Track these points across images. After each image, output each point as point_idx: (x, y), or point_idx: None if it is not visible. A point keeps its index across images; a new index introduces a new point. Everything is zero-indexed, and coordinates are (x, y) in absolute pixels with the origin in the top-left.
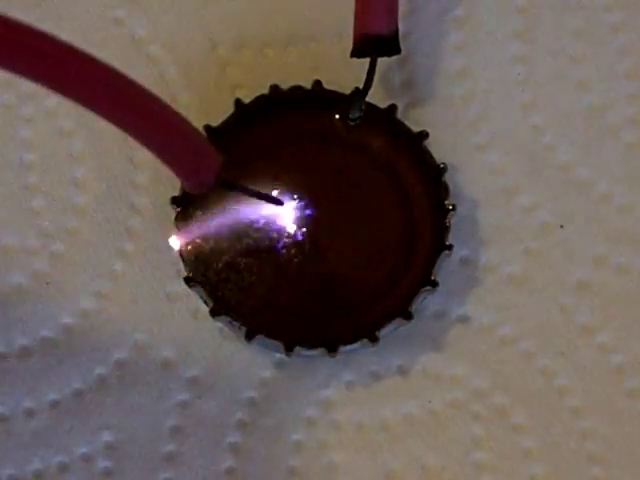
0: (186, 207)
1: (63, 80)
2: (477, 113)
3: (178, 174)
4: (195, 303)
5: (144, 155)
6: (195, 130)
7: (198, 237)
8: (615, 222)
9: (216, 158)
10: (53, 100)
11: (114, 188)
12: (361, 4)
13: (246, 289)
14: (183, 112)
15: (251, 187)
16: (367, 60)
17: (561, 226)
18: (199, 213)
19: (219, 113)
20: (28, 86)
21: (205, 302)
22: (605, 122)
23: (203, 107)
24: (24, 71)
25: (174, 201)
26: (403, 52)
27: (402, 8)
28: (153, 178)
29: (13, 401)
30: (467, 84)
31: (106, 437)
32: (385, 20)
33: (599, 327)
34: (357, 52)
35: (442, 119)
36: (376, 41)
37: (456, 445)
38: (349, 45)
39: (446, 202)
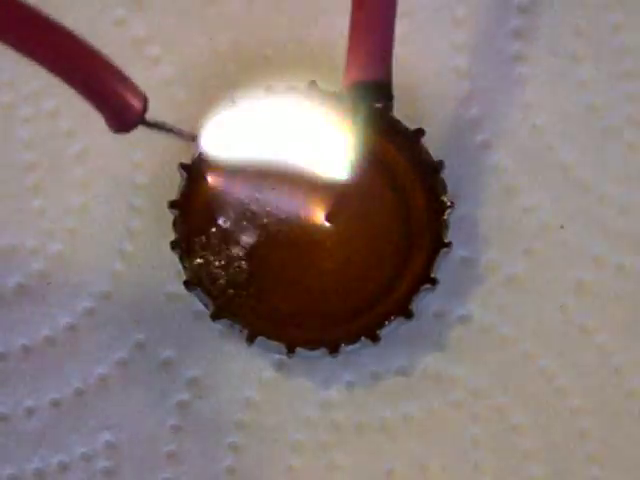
0: (184, 210)
1: None
2: (477, 113)
3: (101, 113)
4: (195, 303)
5: (144, 155)
6: (117, 71)
7: (197, 239)
8: (615, 222)
9: (138, 98)
10: (53, 100)
11: (114, 188)
12: (353, 51)
13: (246, 291)
14: (183, 112)
15: (169, 125)
16: None
17: (561, 226)
18: (198, 216)
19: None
20: (28, 86)
21: (205, 305)
22: (605, 122)
23: (203, 107)
24: None
25: (172, 205)
26: (404, 51)
27: (402, 8)
28: (153, 178)
29: (13, 401)
30: (467, 84)
31: (106, 437)
32: (379, 66)
33: (599, 327)
34: (347, 97)
35: (442, 118)
36: (370, 87)
37: (456, 445)
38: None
39: (444, 198)
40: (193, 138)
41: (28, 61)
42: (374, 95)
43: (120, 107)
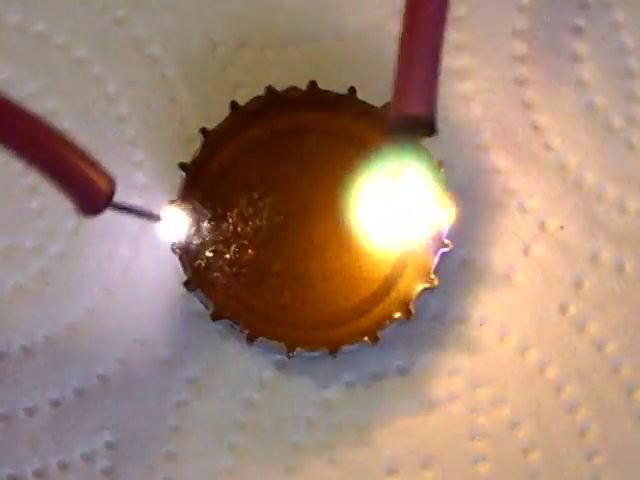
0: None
1: None
2: (477, 113)
3: (69, 198)
4: (195, 303)
5: (144, 155)
6: (83, 157)
7: (197, 241)
8: (615, 222)
9: (106, 182)
10: (53, 100)
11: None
12: (402, 83)
13: (246, 292)
14: (183, 112)
15: (136, 207)
16: (366, 58)
17: (561, 226)
18: (197, 217)
19: (219, 113)
20: (28, 86)
21: (205, 305)
22: (605, 122)
23: (203, 107)
24: None
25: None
26: None
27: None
28: (153, 178)
29: (13, 401)
30: (467, 84)
31: (106, 437)
32: (427, 104)
33: (598, 327)
34: (394, 137)
35: (442, 119)
36: (416, 123)
37: (456, 445)
38: (348, 45)
39: (444, 198)
40: (157, 218)
41: (28, 61)
42: (419, 128)
43: (88, 193)
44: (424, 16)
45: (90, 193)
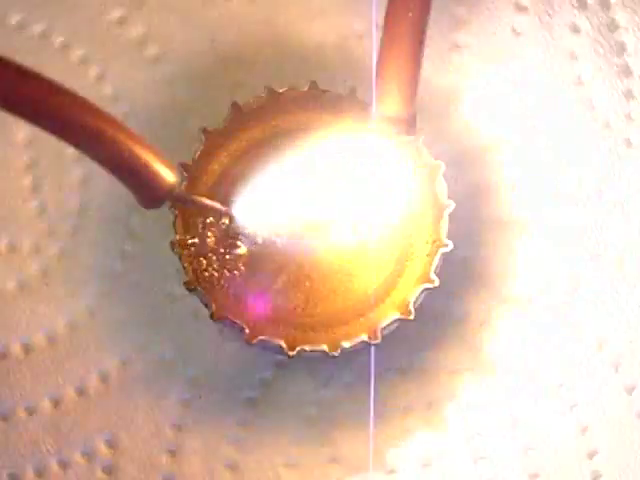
0: (183, 211)
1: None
2: (477, 113)
3: (130, 190)
4: (195, 303)
5: None
6: (147, 147)
7: (197, 241)
8: (615, 222)
9: (169, 174)
10: None
11: (114, 188)
12: (382, 88)
13: (246, 291)
14: (183, 112)
15: (200, 199)
16: (366, 58)
17: (561, 226)
18: (197, 218)
19: (219, 113)
20: None
21: (205, 305)
22: (605, 122)
23: (203, 107)
24: None
25: (172, 205)
26: None
27: None
28: None
29: (13, 401)
30: (467, 83)
31: (106, 437)
32: (408, 107)
33: (599, 327)
34: (375, 131)
35: (442, 119)
36: (397, 123)
37: (457, 445)
38: (348, 45)
39: (444, 198)
40: (224, 212)
41: (28, 61)
42: (400, 129)
43: (148, 184)
44: (405, 20)
45: (152, 184)
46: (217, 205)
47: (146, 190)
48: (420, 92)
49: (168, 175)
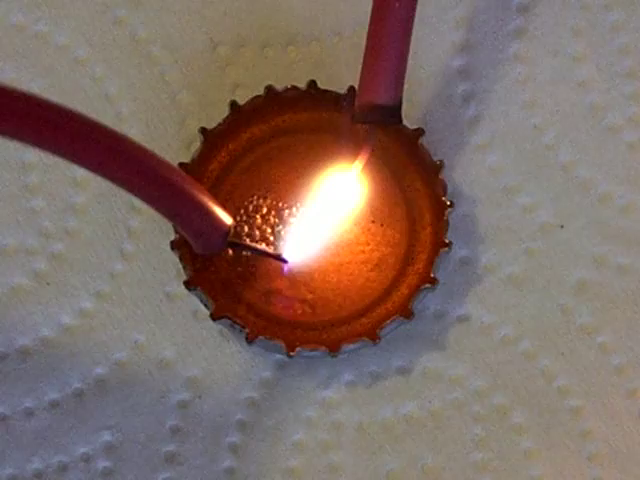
0: None
1: (80, 153)
2: (477, 113)
3: (189, 237)
4: (195, 303)
5: None
6: (205, 195)
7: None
8: (615, 222)
9: (224, 221)
10: (53, 100)
11: (114, 188)
12: (369, 74)
13: (246, 291)
14: (183, 112)
15: (255, 245)
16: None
17: (561, 226)
18: None
19: (219, 113)
20: (28, 86)
21: (205, 305)
22: (605, 122)
23: (203, 107)
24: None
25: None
26: None
27: None
28: None
29: (13, 401)
30: (467, 84)
31: (106, 437)
32: (392, 92)
33: (599, 327)
34: (359, 118)
35: (442, 119)
36: (380, 111)
37: (456, 445)
38: (348, 45)
39: (444, 198)
40: (278, 257)
41: (28, 61)
42: (384, 117)
43: (206, 231)
44: (392, 8)
45: (211, 230)
46: (269, 250)
47: (204, 237)
48: (422, 93)
49: (225, 221)
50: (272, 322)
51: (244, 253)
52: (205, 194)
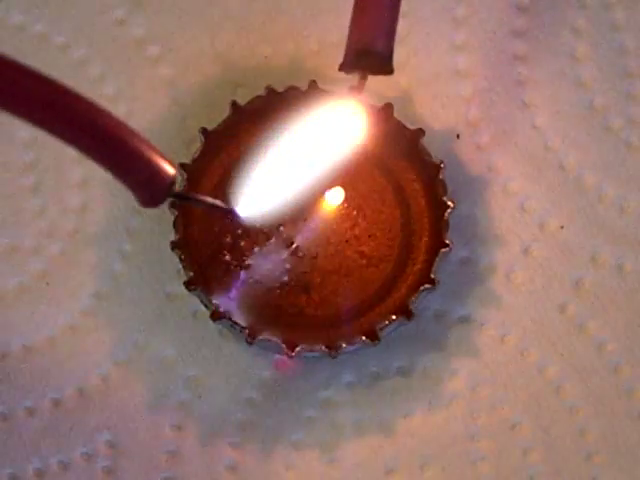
0: (185, 210)
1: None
2: (477, 113)
3: (130, 188)
4: (195, 303)
5: None
6: (146, 145)
7: (198, 241)
8: (615, 222)
9: (168, 172)
10: None
11: (114, 188)
12: (361, 19)
13: (246, 292)
14: (183, 112)
15: (202, 197)
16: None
17: (561, 226)
18: (198, 218)
19: (219, 113)
20: None
21: (205, 305)
22: (605, 122)
23: (203, 107)
24: None
25: (172, 205)
26: (404, 51)
27: (402, 8)
28: None
29: (13, 401)
30: (468, 83)
31: (106, 437)
32: (384, 38)
33: (598, 327)
34: (348, 65)
35: (442, 119)
36: (371, 57)
37: (456, 445)
38: None
39: (444, 199)
40: (227, 210)
41: (28, 61)
42: (376, 65)
43: (148, 181)
44: None
45: (152, 181)
46: (218, 202)
47: (146, 188)
48: (422, 93)
49: (169, 171)
50: (272, 322)
51: (245, 252)
52: (146, 142)
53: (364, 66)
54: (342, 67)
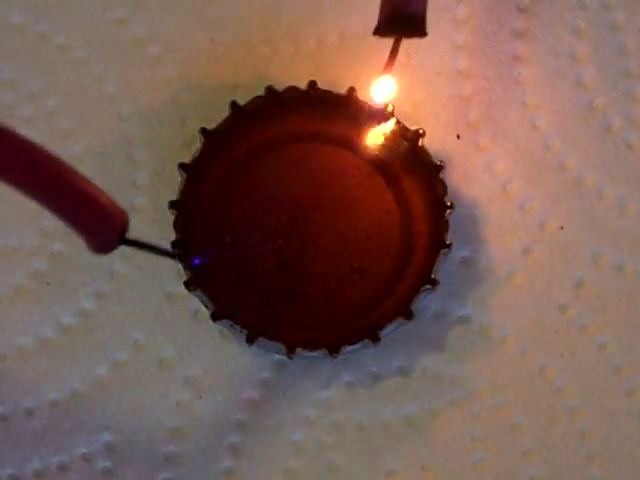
0: (184, 210)
1: None
2: (477, 113)
3: (80, 235)
4: (195, 303)
5: (144, 155)
6: (97, 192)
7: (198, 241)
8: (615, 222)
9: (119, 218)
10: (53, 100)
11: (114, 188)
12: None
13: (246, 292)
14: (183, 112)
15: (151, 244)
16: (366, 58)
17: (561, 226)
18: (198, 216)
19: (219, 113)
20: (28, 86)
21: (205, 305)
22: (605, 122)
23: (203, 107)
24: None
25: (172, 205)
26: (404, 51)
27: None
28: (153, 178)
29: (13, 401)
30: (467, 84)
31: (106, 437)
32: (417, 0)
33: (598, 327)
34: (382, 29)
35: (442, 119)
36: (405, 20)
37: (456, 445)
38: (349, 45)
39: (444, 199)
40: (173, 255)
41: (28, 61)
42: (410, 28)
43: (98, 229)
44: None
45: (103, 228)
46: (167, 250)
47: (97, 235)
48: (422, 93)
49: (120, 218)
50: (272, 323)
51: (245, 252)
52: (96, 189)
53: (399, 29)
54: (377, 31)
